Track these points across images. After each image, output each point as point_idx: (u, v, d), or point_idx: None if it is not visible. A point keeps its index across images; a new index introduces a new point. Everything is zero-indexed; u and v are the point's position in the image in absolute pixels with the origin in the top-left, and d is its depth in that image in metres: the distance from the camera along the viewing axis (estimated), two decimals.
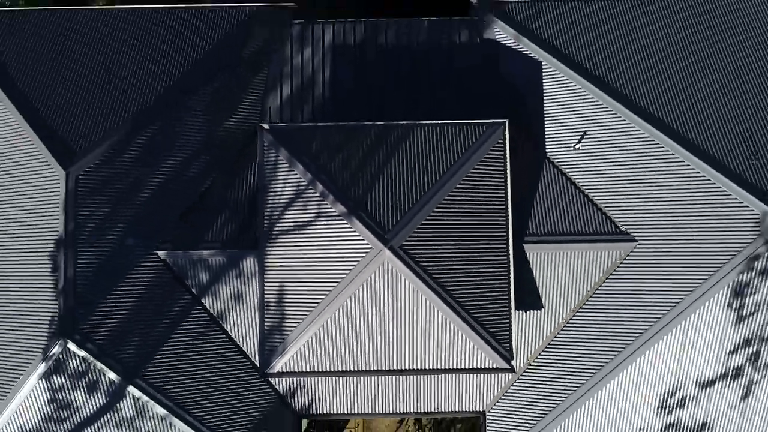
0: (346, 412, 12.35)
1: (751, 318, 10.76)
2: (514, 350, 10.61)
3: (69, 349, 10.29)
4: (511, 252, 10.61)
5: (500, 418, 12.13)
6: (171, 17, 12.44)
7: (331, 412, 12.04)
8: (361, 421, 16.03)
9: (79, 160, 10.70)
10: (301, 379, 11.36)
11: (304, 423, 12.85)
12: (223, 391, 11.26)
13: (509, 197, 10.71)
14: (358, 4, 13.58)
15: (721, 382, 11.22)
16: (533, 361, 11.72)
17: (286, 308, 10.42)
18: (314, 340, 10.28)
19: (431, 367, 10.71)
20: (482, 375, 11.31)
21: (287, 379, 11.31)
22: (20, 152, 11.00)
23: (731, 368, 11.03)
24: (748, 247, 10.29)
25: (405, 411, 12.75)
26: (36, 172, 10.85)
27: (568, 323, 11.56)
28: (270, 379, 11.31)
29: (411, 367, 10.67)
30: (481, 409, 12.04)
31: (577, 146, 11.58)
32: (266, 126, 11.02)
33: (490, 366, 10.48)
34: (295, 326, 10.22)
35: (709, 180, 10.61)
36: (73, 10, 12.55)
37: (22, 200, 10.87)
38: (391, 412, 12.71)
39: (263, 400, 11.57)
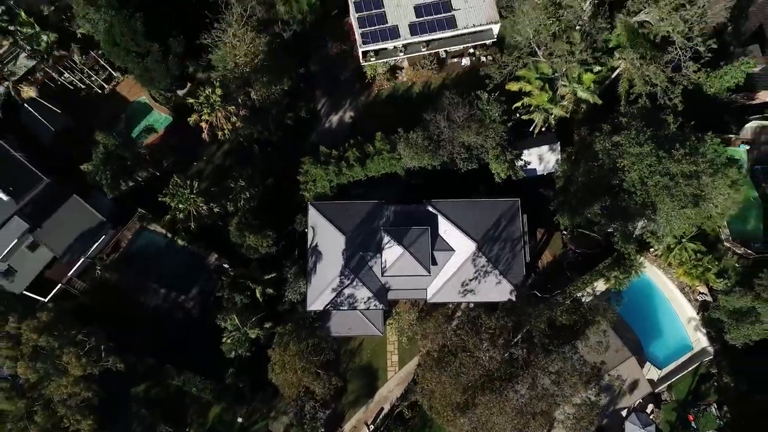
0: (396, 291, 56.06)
1: (478, 265, 54.56)
2: (431, 271, 54.36)
3: (344, 269, 54.41)
4: (430, 254, 54.61)
5: (433, 292, 55.82)
6: (359, 206, 57.43)
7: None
8: (400, 303, 59.69)
9: (345, 234, 55.14)
10: (390, 278, 55.22)
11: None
12: (366, 277, 55.25)
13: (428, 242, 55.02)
14: (404, 195, 58.85)
15: (473, 275, 54.93)
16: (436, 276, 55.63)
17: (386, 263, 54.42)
18: (395, 260, 54.18)
19: (413, 275, 54.37)
20: (423, 278, 55.08)
21: (388, 277, 55.20)
22: (333, 232, 55.31)
23: (476, 270, 54.81)
24: (474, 248, 54.43)
25: (410, 296, 56.59)
26: (338, 237, 55.20)
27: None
28: (382, 277, 55.01)
29: (407, 272, 54.43)
30: (425, 288, 55.70)
31: (444, 232, 56.05)
32: (382, 231, 55.44)
33: (423, 275, 54.20)
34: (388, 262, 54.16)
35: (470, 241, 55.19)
36: (342, 203, 57.43)
37: (335, 239, 55.02)
38: (405, 296, 56.82)
39: (380, 284, 55.50)
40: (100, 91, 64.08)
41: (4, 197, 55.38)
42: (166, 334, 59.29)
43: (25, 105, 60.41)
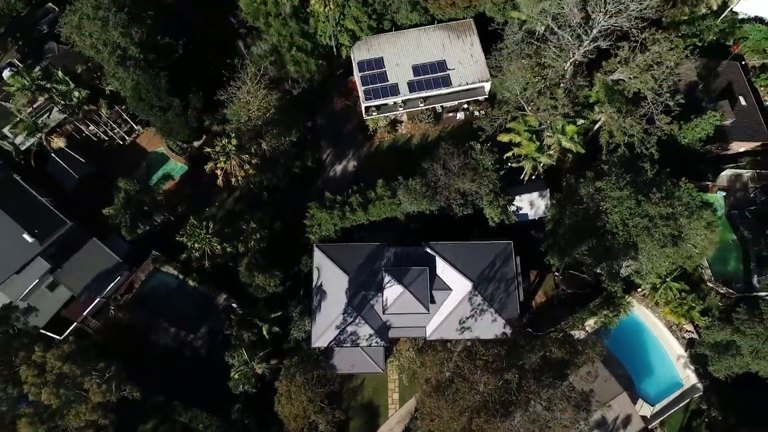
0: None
1: (474, 304, 57.55)
2: (430, 309, 57.35)
3: (347, 307, 57.43)
4: (429, 293, 57.82)
5: (432, 329, 58.58)
6: (361, 248, 61.08)
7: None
8: (400, 342, 62.21)
9: (348, 274, 58.45)
10: (391, 316, 58.07)
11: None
12: (368, 315, 58.08)
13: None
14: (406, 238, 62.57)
15: (470, 313, 57.75)
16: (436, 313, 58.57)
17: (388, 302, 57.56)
18: (395, 299, 57.21)
19: (413, 312, 57.31)
20: (423, 315, 57.93)
21: (389, 315, 58.04)
22: (337, 272, 58.65)
23: (473, 308, 57.61)
24: (470, 287, 57.59)
25: (410, 334, 59.27)
26: (341, 277, 58.51)
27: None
28: (383, 315, 57.86)
29: (407, 310, 57.39)
30: (424, 326, 58.47)
31: (442, 272, 59.51)
32: (384, 270, 58.92)
33: (422, 312, 57.12)
34: (391, 300, 57.26)
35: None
36: (346, 245, 61.17)
37: (339, 279, 58.29)
38: (405, 335, 59.44)
39: (381, 322, 58.30)
40: (121, 143, 69.06)
41: (29, 239, 59.07)
42: (175, 372, 61.46)
43: (53, 155, 65.17)
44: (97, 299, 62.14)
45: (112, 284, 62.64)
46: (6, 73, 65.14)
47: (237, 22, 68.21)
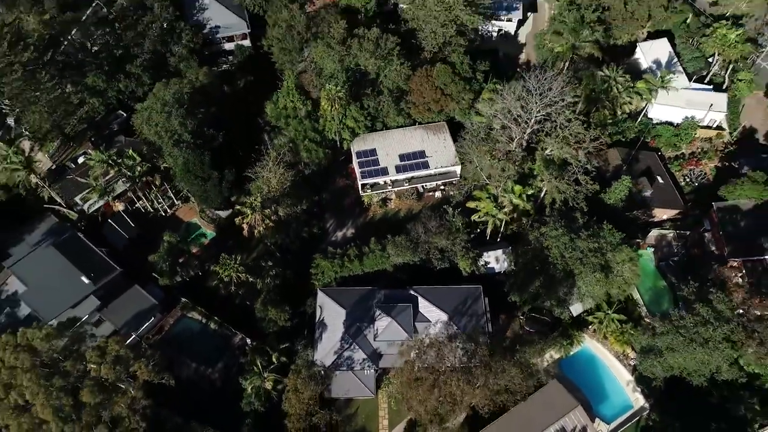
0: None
1: (450, 332, 69.23)
2: (412, 337, 68.82)
3: (344, 335, 68.95)
4: (412, 324, 69.75)
5: None
6: (357, 291, 74.15)
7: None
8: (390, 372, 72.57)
9: (346, 309, 70.81)
10: (381, 343, 69.27)
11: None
12: (362, 343, 69.30)
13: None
14: (397, 283, 75.78)
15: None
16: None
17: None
18: (384, 327, 68.82)
19: (399, 340, 68.69)
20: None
21: (379, 341, 69.27)
22: (336, 308, 71.07)
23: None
24: (446, 319, 69.63)
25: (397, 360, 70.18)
26: (340, 312, 70.85)
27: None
28: (374, 342, 69.08)
29: (395, 338, 68.81)
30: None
31: (423, 308, 71.82)
32: (375, 306, 71.42)
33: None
34: (381, 328, 68.88)
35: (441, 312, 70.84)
36: (344, 288, 74.28)
37: (338, 314, 70.53)
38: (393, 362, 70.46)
39: (372, 348, 69.46)
40: (163, 213, 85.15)
41: (86, 280, 72.39)
42: (194, 401, 70.80)
43: (108, 220, 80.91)
44: (133, 336, 73.58)
45: (147, 324, 74.48)
46: (81, 159, 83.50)
47: (263, 121, 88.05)
